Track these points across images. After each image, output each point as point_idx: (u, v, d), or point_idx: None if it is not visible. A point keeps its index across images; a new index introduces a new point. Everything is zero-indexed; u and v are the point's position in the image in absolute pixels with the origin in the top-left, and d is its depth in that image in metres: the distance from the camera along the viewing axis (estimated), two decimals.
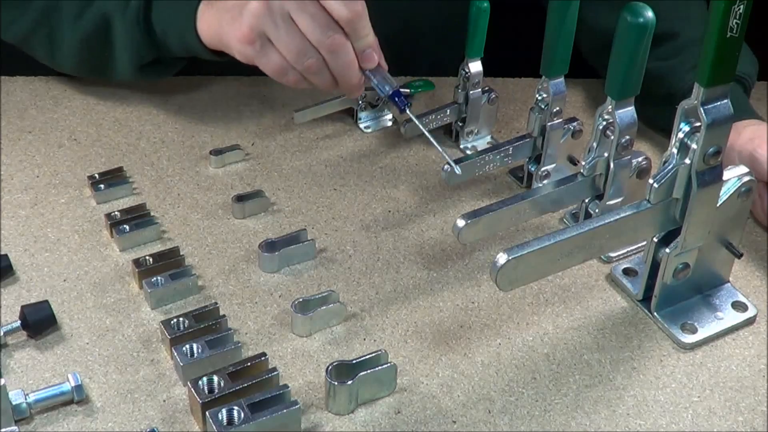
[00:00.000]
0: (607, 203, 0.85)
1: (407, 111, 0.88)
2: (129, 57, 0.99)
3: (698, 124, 0.71)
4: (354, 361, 0.72)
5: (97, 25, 0.98)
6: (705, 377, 0.76)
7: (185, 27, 0.93)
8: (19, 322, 0.77)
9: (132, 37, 0.97)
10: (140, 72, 1.01)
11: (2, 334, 0.76)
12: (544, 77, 0.89)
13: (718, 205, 0.76)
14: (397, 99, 0.88)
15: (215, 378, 0.70)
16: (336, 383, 0.70)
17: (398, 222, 0.92)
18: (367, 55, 0.87)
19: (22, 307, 0.77)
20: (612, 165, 0.83)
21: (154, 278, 0.81)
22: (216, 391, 0.70)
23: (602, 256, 0.87)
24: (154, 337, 0.78)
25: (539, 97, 0.90)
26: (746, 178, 0.77)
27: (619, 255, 0.87)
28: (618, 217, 0.74)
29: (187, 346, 0.74)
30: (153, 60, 1.00)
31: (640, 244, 0.86)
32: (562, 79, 0.89)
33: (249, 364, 0.72)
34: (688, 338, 0.79)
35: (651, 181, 0.74)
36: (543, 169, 0.93)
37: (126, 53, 0.98)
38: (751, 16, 0.67)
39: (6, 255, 0.84)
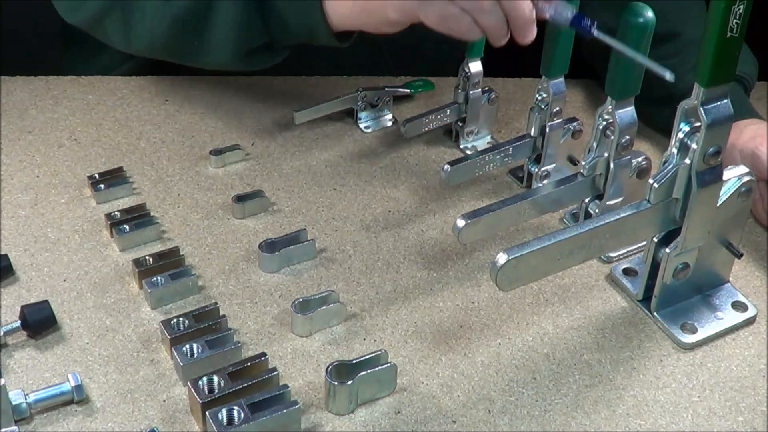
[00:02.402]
0: (607, 203, 0.85)
1: (595, 33, 0.76)
2: (235, 41, 0.90)
3: (698, 124, 0.71)
4: (354, 361, 0.72)
5: (195, 7, 0.89)
6: (705, 377, 0.76)
7: (311, 4, 0.84)
8: (19, 322, 0.77)
9: (242, 19, 0.87)
10: (242, 60, 0.92)
11: (2, 334, 0.76)
12: (544, 77, 0.89)
13: (718, 205, 0.76)
14: (581, 24, 0.77)
15: (215, 378, 0.70)
16: (336, 383, 0.70)
17: (398, 222, 0.92)
18: None
19: (22, 307, 0.77)
20: (612, 165, 0.83)
21: (154, 278, 0.81)
22: (216, 391, 0.70)
23: (602, 256, 0.87)
24: (154, 337, 0.78)
25: (539, 97, 0.90)
26: (746, 178, 0.77)
27: (619, 255, 0.87)
28: (618, 217, 0.74)
29: (187, 346, 0.74)
30: (257, 47, 0.92)
31: (640, 244, 0.86)
32: (562, 79, 0.89)
33: (249, 364, 0.72)
34: (688, 338, 0.79)
35: (651, 181, 0.74)
36: (543, 169, 0.93)
37: (231, 37, 0.89)
38: (751, 16, 0.67)
39: (6, 255, 0.84)
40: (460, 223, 0.78)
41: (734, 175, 0.77)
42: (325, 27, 0.86)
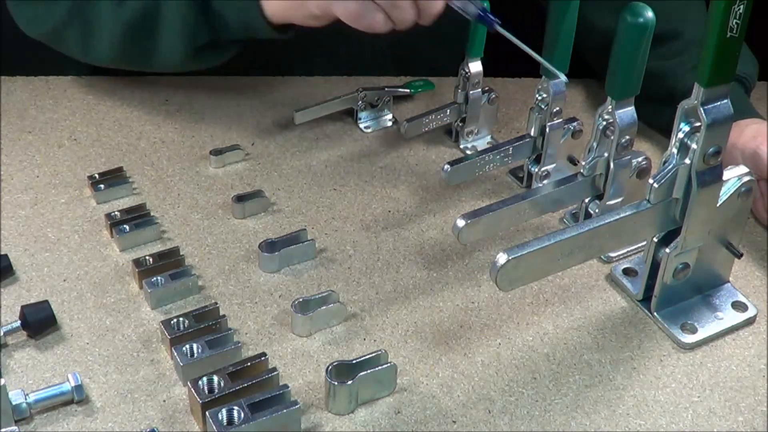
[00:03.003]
0: (607, 203, 0.85)
1: (499, 28, 0.83)
2: (182, 41, 0.94)
3: (698, 124, 0.71)
4: (354, 361, 0.72)
5: (144, 10, 0.94)
6: (705, 377, 0.76)
7: (248, 3, 0.90)
8: (19, 322, 0.77)
9: (186, 19, 0.92)
10: (192, 58, 0.97)
11: (2, 334, 0.76)
12: (544, 77, 0.89)
13: (718, 205, 0.76)
14: (485, 18, 0.83)
15: (215, 378, 0.70)
16: (336, 383, 0.70)
17: (398, 222, 0.92)
18: None
19: (22, 307, 0.77)
20: (612, 165, 0.83)
21: (154, 278, 0.81)
22: (216, 391, 0.70)
23: (602, 256, 0.87)
24: (154, 337, 0.78)
25: (539, 97, 0.90)
26: (746, 178, 0.77)
27: (619, 255, 0.87)
28: (618, 217, 0.74)
29: (187, 346, 0.74)
30: (205, 45, 0.96)
31: (640, 244, 0.86)
32: None
33: (249, 364, 0.72)
34: (688, 338, 0.79)
35: (651, 181, 0.74)
36: (543, 169, 0.93)
37: (178, 37, 0.94)
38: (751, 16, 0.67)
39: (6, 255, 0.84)
40: (460, 223, 0.78)
41: (734, 175, 0.77)
42: (263, 21, 0.91)
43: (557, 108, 0.90)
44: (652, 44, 0.77)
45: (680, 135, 0.73)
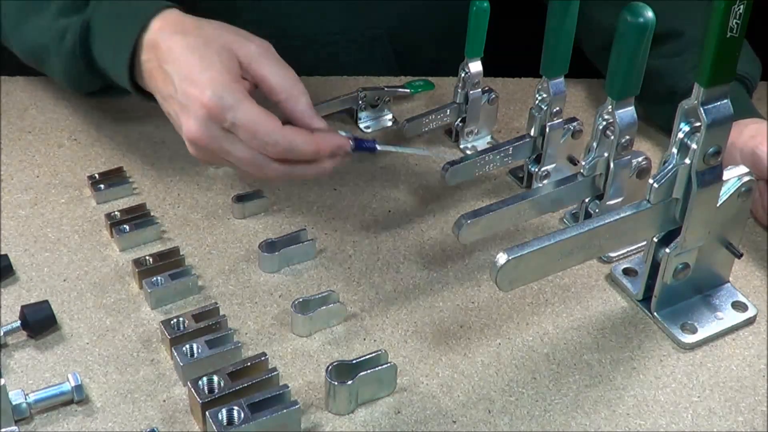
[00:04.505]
0: (607, 203, 0.85)
1: (379, 147, 0.86)
2: (71, 85, 0.95)
3: (698, 124, 0.71)
4: (354, 361, 0.72)
5: (33, 49, 0.94)
6: (705, 377, 0.76)
7: (121, 71, 0.86)
8: (19, 322, 0.77)
9: (71, 70, 0.92)
10: (92, 95, 0.97)
11: (2, 334, 0.76)
12: (544, 77, 0.89)
13: (718, 205, 0.76)
14: (364, 146, 0.85)
15: (215, 378, 0.70)
16: (336, 383, 0.70)
17: (398, 222, 0.92)
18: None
19: (22, 307, 0.77)
20: (612, 165, 0.83)
21: (154, 278, 0.81)
22: (216, 391, 0.70)
23: (602, 256, 0.87)
24: (154, 337, 0.78)
25: (539, 97, 0.90)
26: (746, 178, 0.77)
27: (619, 255, 0.87)
28: (618, 217, 0.74)
29: (187, 346, 0.74)
30: (100, 89, 0.95)
31: (640, 244, 0.86)
32: (562, 79, 0.89)
33: (249, 364, 0.72)
34: (688, 338, 0.79)
35: (651, 181, 0.74)
36: (543, 169, 0.93)
37: (67, 82, 0.95)
38: (751, 16, 0.67)
39: (6, 255, 0.84)
40: (460, 223, 0.78)
41: (734, 175, 0.77)
42: (137, 94, 0.89)
43: (557, 108, 0.90)
44: (652, 44, 0.77)
45: (680, 135, 0.73)
